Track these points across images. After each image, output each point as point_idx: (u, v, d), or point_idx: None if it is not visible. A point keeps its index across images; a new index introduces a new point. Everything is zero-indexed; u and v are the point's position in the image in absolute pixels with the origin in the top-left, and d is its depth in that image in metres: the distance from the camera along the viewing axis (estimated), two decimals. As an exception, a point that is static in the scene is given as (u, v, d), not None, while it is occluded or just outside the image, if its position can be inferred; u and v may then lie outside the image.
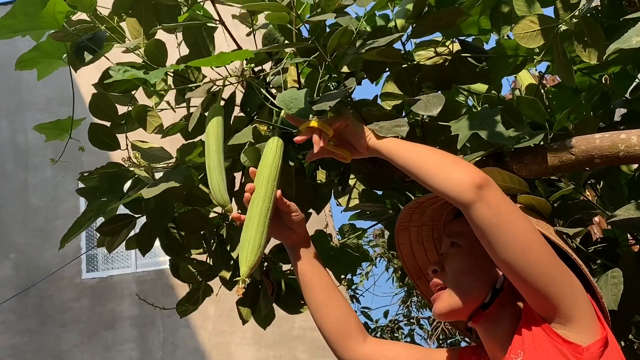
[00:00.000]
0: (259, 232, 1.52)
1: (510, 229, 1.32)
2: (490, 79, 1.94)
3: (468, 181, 1.34)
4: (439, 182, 1.39)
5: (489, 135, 1.62)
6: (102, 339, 9.38)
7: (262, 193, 1.56)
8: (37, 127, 2.18)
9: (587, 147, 1.58)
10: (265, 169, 1.60)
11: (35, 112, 10.22)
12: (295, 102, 1.60)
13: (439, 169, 1.40)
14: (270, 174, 1.59)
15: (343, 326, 1.63)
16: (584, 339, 1.32)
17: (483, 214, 1.33)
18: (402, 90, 1.91)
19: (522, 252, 1.32)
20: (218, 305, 8.44)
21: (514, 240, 1.32)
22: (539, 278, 1.32)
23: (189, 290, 2.37)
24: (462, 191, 1.35)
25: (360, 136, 1.54)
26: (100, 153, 2.45)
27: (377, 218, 2.30)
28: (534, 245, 1.33)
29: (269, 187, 1.57)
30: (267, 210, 1.55)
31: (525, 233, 1.33)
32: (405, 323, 11.63)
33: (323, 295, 1.64)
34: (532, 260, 1.32)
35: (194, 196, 2.18)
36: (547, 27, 1.70)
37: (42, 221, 9.96)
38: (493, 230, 1.32)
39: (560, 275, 1.34)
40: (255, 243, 1.51)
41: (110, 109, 2.12)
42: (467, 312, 1.50)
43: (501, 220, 1.32)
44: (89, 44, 1.95)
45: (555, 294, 1.32)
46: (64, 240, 2.09)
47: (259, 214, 1.54)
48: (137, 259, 9.71)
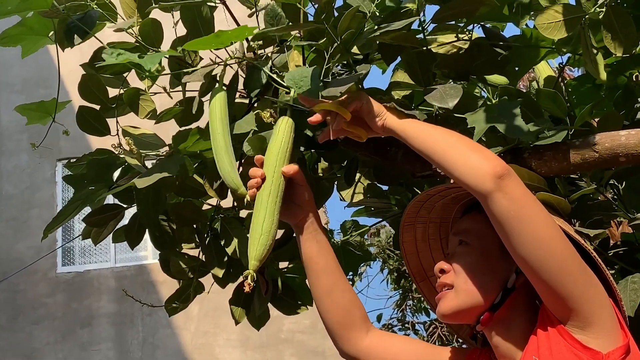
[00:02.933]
0: (269, 222, 1.51)
1: (530, 222, 1.32)
2: (508, 70, 1.94)
3: (489, 169, 1.34)
4: (458, 168, 1.39)
5: (507, 129, 1.61)
6: (78, 338, 9.36)
7: (273, 176, 1.55)
8: (18, 108, 2.16)
9: (612, 144, 1.58)
10: (275, 149, 1.59)
11: (11, 94, 10.17)
12: (306, 80, 1.59)
13: (459, 154, 1.40)
14: (280, 155, 1.57)
15: (347, 317, 1.62)
16: (604, 345, 1.32)
17: (503, 205, 1.33)
18: (413, 80, 1.90)
19: (542, 246, 1.32)
20: (202, 304, 8.42)
21: (533, 234, 1.32)
22: (558, 275, 1.32)
23: (179, 287, 2.36)
24: (482, 179, 1.34)
25: (375, 115, 1.53)
26: (79, 139, 2.45)
27: (382, 215, 2.30)
28: (554, 241, 1.33)
29: (280, 170, 1.56)
30: (278, 196, 1.54)
31: (546, 227, 1.33)
32: (399, 328, 11.65)
33: (329, 282, 1.63)
34: (552, 255, 1.32)
35: (188, 187, 2.17)
36: (573, 17, 1.69)
37: (15, 210, 9.92)
38: (513, 222, 1.32)
39: (581, 274, 1.34)
40: (266, 234, 1.50)
41: (101, 92, 2.11)
42: (474, 314, 1.49)
43: (521, 212, 1.32)
44: (80, 24, 1.93)
45: (575, 293, 1.32)
46: (47, 231, 2.08)
47: (270, 202, 1.52)
48: (117, 253, 9.69)
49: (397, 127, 1.52)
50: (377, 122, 1.53)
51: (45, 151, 9.44)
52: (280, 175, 1.56)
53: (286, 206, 1.60)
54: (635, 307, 1.70)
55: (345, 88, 1.57)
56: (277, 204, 1.53)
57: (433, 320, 11.04)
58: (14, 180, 10.10)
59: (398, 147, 1.91)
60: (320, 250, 1.63)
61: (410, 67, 1.88)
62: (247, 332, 8.52)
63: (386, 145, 1.88)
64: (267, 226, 1.51)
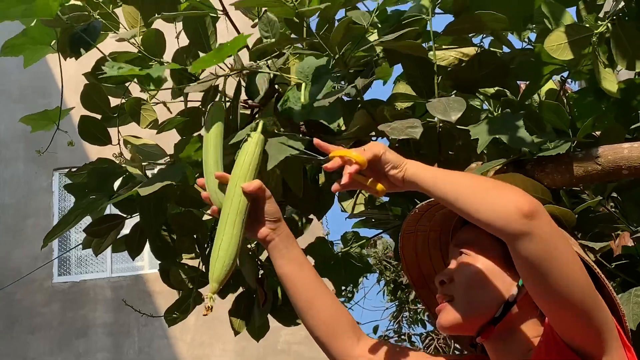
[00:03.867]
0: (227, 242, 1.47)
1: (560, 262, 1.26)
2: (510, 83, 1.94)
3: (515, 210, 1.26)
4: (483, 213, 1.31)
5: (511, 140, 1.61)
6: (74, 347, 9.32)
7: (233, 195, 1.51)
8: (23, 119, 2.16)
9: (615, 157, 1.59)
10: (238, 165, 1.55)
11: (8, 103, 10.15)
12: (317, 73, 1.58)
13: (481, 198, 1.32)
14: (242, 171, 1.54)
15: (333, 327, 1.58)
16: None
17: (533, 248, 1.25)
18: (415, 91, 1.91)
19: (569, 283, 1.27)
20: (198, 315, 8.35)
21: (564, 273, 1.27)
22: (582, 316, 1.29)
23: (179, 298, 2.35)
24: (509, 222, 1.26)
25: (395, 166, 1.43)
26: (76, 148, 2.44)
27: (383, 226, 2.29)
28: (578, 273, 1.29)
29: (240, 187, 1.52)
30: (238, 214, 1.50)
31: (574, 267, 1.28)
32: (395, 339, 11.62)
33: (309, 296, 1.58)
34: (576, 289, 1.28)
35: (188, 197, 2.17)
36: (581, 37, 1.71)
37: (12, 219, 9.89)
38: (544, 264, 1.26)
39: (599, 308, 1.31)
40: (223, 256, 1.47)
41: (102, 101, 2.11)
42: (475, 327, 1.47)
43: (552, 254, 1.26)
44: (84, 36, 1.94)
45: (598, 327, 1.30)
46: (48, 239, 2.08)
47: (229, 222, 1.49)
48: (113, 263, 9.67)
49: (419, 179, 1.41)
50: (396, 174, 1.43)
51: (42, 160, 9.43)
52: (240, 193, 1.52)
53: (251, 224, 1.56)
54: (638, 320, 1.69)
55: (334, 98, 1.57)
56: (236, 223, 1.49)
57: (429, 332, 11.01)
58: (11, 189, 10.08)
59: (400, 158, 1.91)
60: (293, 266, 1.59)
61: (412, 79, 1.88)
62: (243, 342, 8.49)
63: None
64: (225, 247, 1.48)
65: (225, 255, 1.47)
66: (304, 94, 1.68)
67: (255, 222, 1.57)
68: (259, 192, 1.55)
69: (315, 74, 1.72)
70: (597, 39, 1.76)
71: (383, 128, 1.68)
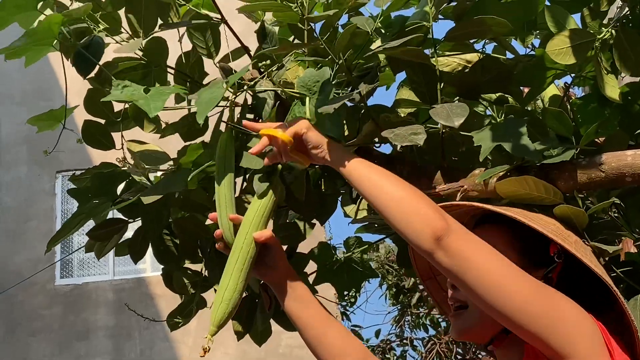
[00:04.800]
0: (231, 289, 1.51)
1: (476, 272, 1.32)
2: (513, 89, 1.95)
3: (428, 232, 1.35)
4: (398, 225, 1.40)
5: (514, 148, 1.61)
6: (75, 350, 9.32)
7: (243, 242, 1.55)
8: (30, 121, 2.16)
9: (619, 164, 1.58)
10: (251, 213, 1.58)
11: (11, 106, 10.17)
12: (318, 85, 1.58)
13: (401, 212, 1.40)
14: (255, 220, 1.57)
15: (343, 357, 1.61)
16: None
17: (444, 262, 1.34)
18: (418, 97, 1.91)
19: (493, 293, 1.31)
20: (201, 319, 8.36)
21: (483, 283, 1.32)
22: (517, 317, 1.31)
23: (181, 302, 2.35)
24: (421, 241, 1.36)
25: (314, 146, 1.54)
26: (78, 151, 2.46)
27: (386, 232, 2.29)
28: (506, 283, 1.32)
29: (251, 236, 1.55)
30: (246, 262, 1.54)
31: (496, 274, 1.32)
32: (397, 344, 11.62)
33: (318, 332, 1.62)
34: (506, 300, 1.31)
35: (191, 201, 2.17)
36: (583, 42, 1.71)
37: (14, 222, 9.90)
38: (459, 275, 1.34)
39: (546, 311, 1.31)
40: (226, 303, 1.51)
41: (106, 106, 2.11)
42: (488, 335, 1.48)
43: (464, 265, 1.33)
44: (87, 55, 1.94)
45: (543, 331, 1.30)
46: (51, 244, 2.08)
47: (236, 269, 1.53)
48: (115, 266, 9.67)
49: (340, 166, 1.51)
50: (317, 154, 1.54)
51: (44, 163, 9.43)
52: (251, 241, 1.56)
53: (259, 267, 1.61)
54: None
55: (338, 105, 1.58)
56: (243, 271, 1.53)
57: (431, 337, 11.02)
58: (13, 192, 10.08)
59: (403, 164, 1.91)
60: (299, 305, 1.63)
61: (415, 85, 1.88)
62: (244, 346, 8.49)
63: (391, 162, 1.88)
64: (229, 294, 1.51)
65: (228, 302, 1.51)
66: (308, 108, 1.68)
67: (263, 266, 1.62)
68: (270, 241, 1.60)
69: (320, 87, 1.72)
70: (599, 44, 1.77)
71: (386, 134, 1.68)
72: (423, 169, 1.81)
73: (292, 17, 1.73)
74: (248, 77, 1.90)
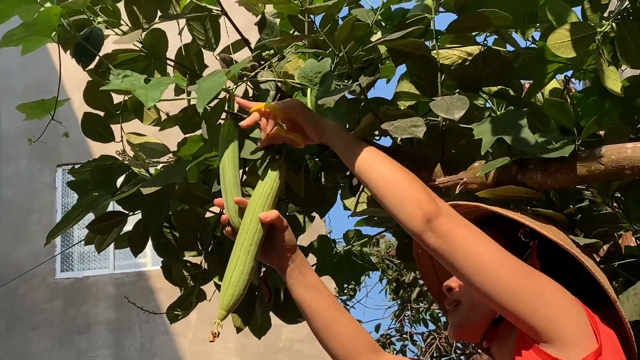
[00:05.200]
0: (239, 272, 1.49)
1: (463, 253, 1.35)
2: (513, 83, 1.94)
3: (419, 213, 1.38)
4: (391, 207, 1.43)
5: (514, 141, 1.61)
6: (75, 344, 9.33)
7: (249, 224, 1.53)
8: (19, 107, 2.16)
9: (618, 157, 1.58)
10: (257, 194, 1.57)
11: (12, 99, 10.16)
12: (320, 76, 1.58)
13: (393, 194, 1.43)
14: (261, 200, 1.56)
15: (352, 349, 1.60)
16: (575, 353, 1.31)
17: (432, 243, 1.37)
18: (419, 90, 1.90)
19: (480, 273, 1.34)
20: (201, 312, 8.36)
21: (470, 263, 1.35)
22: (505, 298, 1.33)
23: (181, 295, 2.35)
24: (411, 221, 1.39)
25: (312, 124, 1.56)
26: (79, 144, 2.46)
27: (385, 225, 2.29)
28: (492, 264, 1.35)
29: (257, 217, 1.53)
30: (252, 244, 1.52)
31: (481, 254, 1.35)
32: (397, 338, 11.64)
33: (326, 320, 1.60)
34: (494, 280, 1.34)
35: (191, 194, 2.17)
36: (585, 35, 1.70)
37: (14, 216, 9.91)
38: (446, 255, 1.36)
39: (531, 291, 1.34)
40: (233, 285, 1.49)
41: (106, 98, 2.11)
42: (481, 330, 1.51)
43: (452, 246, 1.36)
44: (87, 46, 1.93)
45: (529, 311, 1.33)
46: (51, 237, 2.08)
47: (243, 251, 1.51)
48: (116, 260, 9.68)
49: (337, 146, 1.55)
50: (314, 134, 1.56)
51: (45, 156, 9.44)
52: (258, 222, 1.54)
53: (267, 250, 1.59)
54: (639, 309, 1.70)
55: (338, 97, 1.58)
56: (250, 253, 1.51)
57: (431, 331, 11.03)
58: (14, 185, 10.09)
59: (402, 157, 1.90)
60: (309, 292, 1.61)
61: (415, 77, 1.88)
62: (244, 340, 8.50)
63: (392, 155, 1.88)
64: (236, 277, 1.49)
65: (236, 284, 1.49)
66: (310, 100, 1.68)
67: (271, 249, 1.60)
68: (276, 222, 1.57)
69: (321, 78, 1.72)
70: (601, 37, 1.76)
71: (386, 127, 1.68)
72: (423, 162, 1.80)
73: (292, 8, 1.73)
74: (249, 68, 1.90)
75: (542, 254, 1.52)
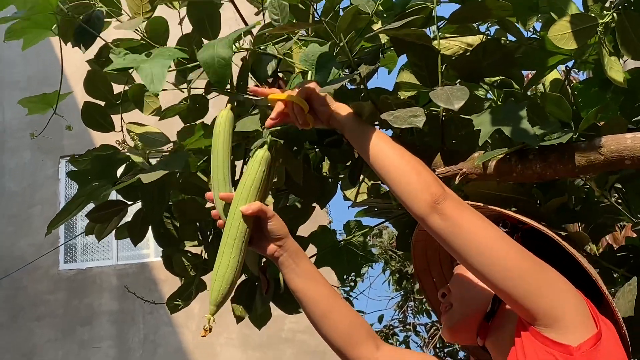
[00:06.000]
0: (225, 266, 1.49)
1: (468, 235, 1.37)
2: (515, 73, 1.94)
3: (425, 195, 1.40)
4: (398, 189, 1.45)
5: (513, 133, 1.61)
6: (78, 335, 9.35)
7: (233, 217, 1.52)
8: (21, 101, 2.16)
9: (618, 147, 1.58)
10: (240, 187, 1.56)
11: (15, 92, 10.16)
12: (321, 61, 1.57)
13: (401, 177, 1.45)
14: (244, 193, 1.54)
15: (350, 337, 1.59)
16: (574, 338, 1.32)
17: (438, 224, 1.39)
18: (419, 80, 1.90)
19: (484, 255, 1.36)
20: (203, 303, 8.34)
21: (473, 245, 1.36)
22: (507, 280, 1.35)
23: (181, 285, 2.36)
24: (418, 205, 1.41)
25: (323, 103, 1.56)
26: (82, 136, 2.46)
27: (385, 215, 2.29)
28: (496, 248, 1.36)
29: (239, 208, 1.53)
30: (237, 237, 1.51)
31: (485, 237, 1.37)
32: (400, 329, 11.65)
33: (323, 308, 1.60)
34: (498, 262, 1.35)
35: (191, 184, 2.17)
36: (586, 26, 1.70)
37: (17, 208, 9.92)
38: (451, 238, 1.38)
39: (532, 273, 1.36)
40: (220, 279, 1.49)
41: (106, 88, 2.11)
42: (473, 328, 1.53)
43: (457, 228, 1.38)
44: (87, 28, 1.93)
45: (529, 294, 1.34)
46: (51, 227, 2.08)
47: (228, 244, 1.51)
48: (119, 251, 9.69)
49: (346, 124, 1.55)
50: (323, 111, 1.56)
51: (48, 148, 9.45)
52: (240, 216, 1.53)
53: (258, 240, 1.59)
54: (632, 305, 1.71)
55: (338, 85, 1.58)
56: (235, 247, 1.51)
57: (434, 322, 11.04)
58: (17, 177, 10.10)
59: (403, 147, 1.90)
60: (304, 281, 1.60)
61: (416, 68, 1.87)
62: (247, 331, 8.52)
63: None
64: (222, 271, 1.50)
65: (222, 279, 1.49)
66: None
67: (262, 239, 1.59)
68: (259, 214, 1.55)
69: (320, 61, 1.71)
70: (603, 28, 1.75)
71: (386, 117, 1.68)
72: (422, 152, 1.80)
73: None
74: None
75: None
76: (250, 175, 1.56)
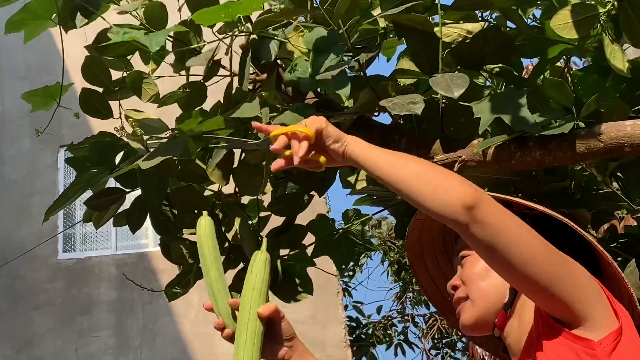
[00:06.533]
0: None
1: (511, 244, 1.31)
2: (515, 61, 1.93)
3: (458, 203, 1.31)
4: (427, 203, 1.34)
5: (513, 121, 1.60)
6: (77, 324, 9.36)
7: (248, 320, 1.48)
8: (24, 96, 2.16)
9: (618, 134, 1.57)
10: (249, 289, 1.51)
11: (14, 80, 10.14)
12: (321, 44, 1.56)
13: (426, 188, 1.35)
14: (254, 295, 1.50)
15: None
16: (597, 334, 1.32)
17: (479, 235, 1.31)
18: (419, 67, 1.89)
19: (527, 264, 1.31)
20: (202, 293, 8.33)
21: (512, 248, 1.31)
22: (546, 282, 1.31)
23: (179, 273, 2.35)
24: (453, 214, 1.31)
25: (336, 140, 1.40)
26: (81, 125, 2.44)
27: (384, 204, 2.29)
28: (538, 255, 1.32)
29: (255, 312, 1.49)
30: (255, 341, 1.48)
31: (528, 244, 1.32)
32: (399, 320, 11.67)
33: None
34: (541, 270, 1.31)
35: (190, 172, 2.16)
36: (588, 15, 1.69)
37: (17, 196, 9.90)
38: (493, 249, 1.31)
39: (564, 273, 1.33)
40: None
41: (104, 74, 2.10)
42: (491, 318, 1.49)
43: (500, 238, 1.31)
44: (85, 5, 1.92)
45: (565, 293, 1.32)
46: (49, 213, 2.08)
47: (250, 348, 1.47)
48: (118, 240, 9.68)
49: (360, 156, 1.40)
50: (337, 148, 1.40)
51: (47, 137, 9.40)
52: (256, 318, 1.49)
53: (268, 343, 1.53)
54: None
55: (337, 71, 1.56)
56: (254, 350, 1.48)
57: (433, 313, 11.05)
58: (16, 166, 10.09)
59: (402, 134, 1.90)
60: None
61: (415, 55, 1.87)
62: (246, 321, 8.51)
63: (390, 133, 1.87)
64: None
65: None
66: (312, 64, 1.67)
67: (271, 342, 1.55)
68: (274, 315, 1.52)
69: (320, 45, 1.70)
70: (605, 17, 1.74)
71: (385, 104, 1.68)
72: (421, 139, 1.80)
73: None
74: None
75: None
76: (258, 276, 1.53)
